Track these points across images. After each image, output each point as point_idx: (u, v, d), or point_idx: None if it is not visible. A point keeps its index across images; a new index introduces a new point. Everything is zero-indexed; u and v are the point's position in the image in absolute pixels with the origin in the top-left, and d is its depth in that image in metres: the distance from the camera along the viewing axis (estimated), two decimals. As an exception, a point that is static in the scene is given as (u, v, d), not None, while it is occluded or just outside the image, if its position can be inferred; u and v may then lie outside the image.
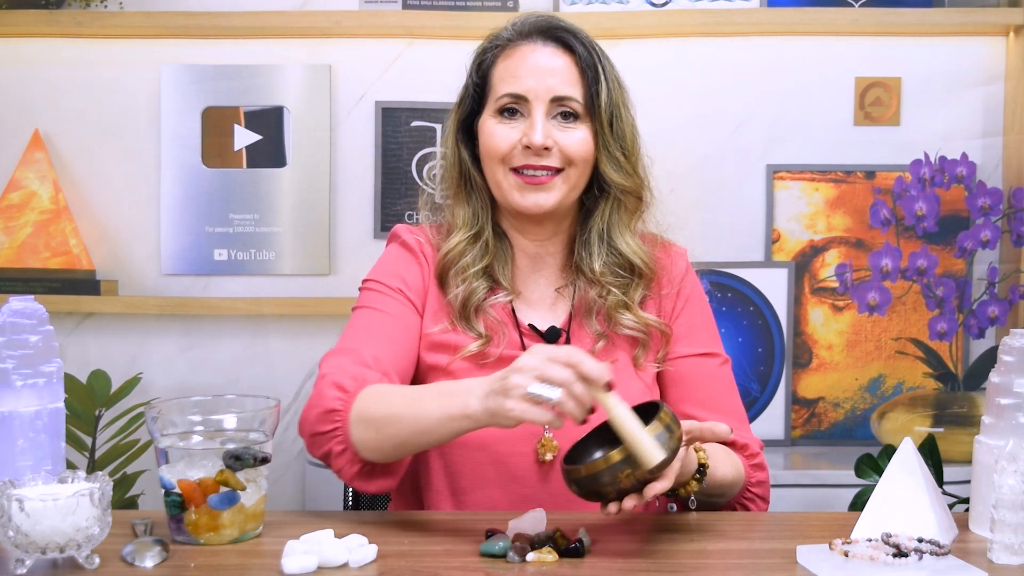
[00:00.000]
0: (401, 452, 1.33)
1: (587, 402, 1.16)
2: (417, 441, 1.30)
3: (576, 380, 1.15)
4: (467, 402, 1.22)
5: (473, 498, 1.46)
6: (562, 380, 1.15)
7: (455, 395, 1.25)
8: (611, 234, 1.53)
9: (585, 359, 1.16)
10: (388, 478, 1.35)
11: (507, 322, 1.52)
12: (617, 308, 1.51)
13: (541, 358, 1.17)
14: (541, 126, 1.46)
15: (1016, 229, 2.37)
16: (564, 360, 1.16)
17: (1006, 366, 1.28)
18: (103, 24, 2.33)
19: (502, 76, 1.50)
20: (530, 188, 1.47)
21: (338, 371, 1.37)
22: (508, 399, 1.16)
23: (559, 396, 1.15)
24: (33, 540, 1.10)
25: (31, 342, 1.29)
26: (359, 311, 1.51)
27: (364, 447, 1.32)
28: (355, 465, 1.33)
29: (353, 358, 1.40)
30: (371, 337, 1.45)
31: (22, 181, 2.35)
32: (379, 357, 1.41)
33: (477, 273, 1.51)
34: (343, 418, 1.32)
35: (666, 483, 1.17)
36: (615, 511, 1.17)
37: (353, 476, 1.34)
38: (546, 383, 1.15)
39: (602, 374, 1.15)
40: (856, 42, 2.36)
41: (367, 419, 1.31)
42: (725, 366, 1.57)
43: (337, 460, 1.33)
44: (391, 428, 1.29)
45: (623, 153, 1.51)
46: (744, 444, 1.49)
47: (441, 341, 1.50)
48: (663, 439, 1.15)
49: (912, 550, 1.12)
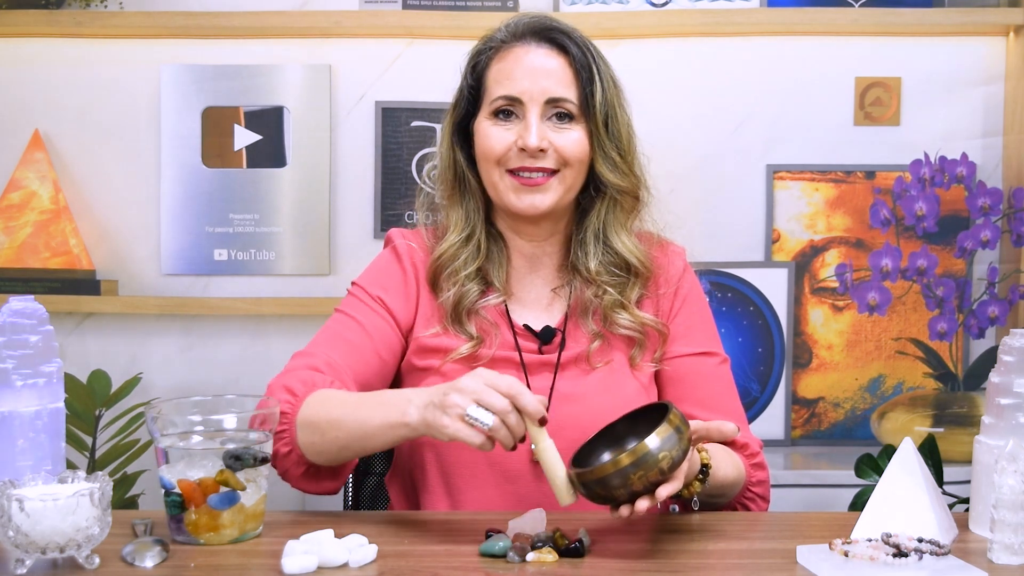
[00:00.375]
0: (343, 456, 1.37)
1: (519, 432, 1.21)
2: (358, 446, 1.34)
3: (511, 410, 1.19)
4: (406, 410, 1.26)
5: (468, 497, 1.46)
6: (498, 409, 1.19)
7: (395, 404, 1.29)
8: (607, 233, 1.53)
9: (523, 392, 1.20)
10: (333, 480, 1.40)
11: (500, 323, 1.52)
12: (613, 308, 1.51)
13: (481, 382, 1.20)
14: (536, 128, 1.46)
15: (1016, 229, 2.37)
16: (504, 390, 1.20)
17: (1006, 366, 1.28)
18: (103, 24, 2.33)
19: (496, 78, 1.50)
20: (526, 190, 1.47)
21: (290, 375, 1.41)
22: (445, 416, 1.20)
23: (493, 423, 1.19)
24: (33, 540, 1.10)
25: (31, 342, 1.29)
26: (336, 314, 1.54)
27: (309, 450, 1.36)
28: (300, 467, 1.37)
29: (309, 361, 1.44)
30: (335, 342, 1.49)
31: (22, 181, 2.35)
32: (336, 363, 1.45)
33: (469, 275, 1.51)
34: (290, 421, 1.36)
35: (677, 484, 1.18)
36: (627, 514, 1.17)
37: (298, 477, 1.38)
38: (482, 408, 1.19)
39: (537, 410, 1.20)
40: (856, 42, 2.36)
41: (312, 423, 1.34)
42: (724, 365, 1.57)
43: (283, 461, 1.37)
44: (333, 432, 1.33)
45: (619, 153, 1.51)
46: (744, 444, 1.49)
47: (433, 345, 1.50)
48: (673, 440, 1.15)
49: (912, 550, 1.12)
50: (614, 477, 1.14)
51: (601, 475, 1.15)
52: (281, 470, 1.38)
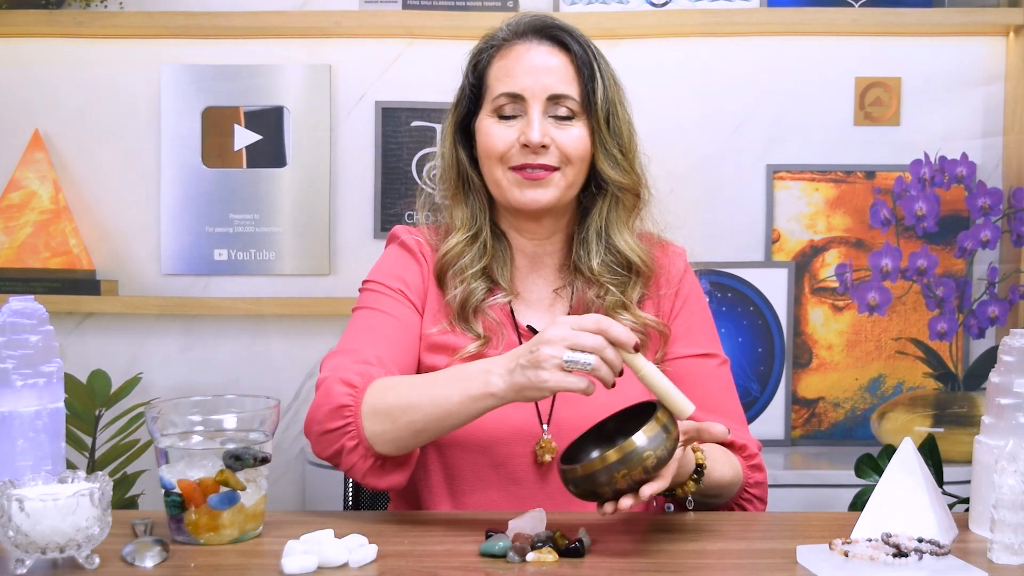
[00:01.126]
0: (419, 440, 1.32)
1: (618, 366, 1.19)
2: (437, 426, 1.30)
3: (607, 345, 1.18)
4: (488, 380, 1.24)
5: (471, 499, 1.46)
6: (594, 346, 1.17)
7: (472, 376, 1.26)
8: (609, 232, 1.53)
9: (612, 324, 1.19)
10: (400, 472, 1.36)
11: (505, 323, 1.52)
12: (615, 308, 1.51)
13: (569, 327, 1.19)
14: (538, 124, 1.46)
15: (1016, 229, 2.37)
16: (593, 327, 1.18)
17: (1006, 366, 1.28)
18: (103, 24, 2.33)
19: (498, 76, 1.50)
20: (528, 184, 1.47)
21: (343, 369, 1.37)
22: (542, 370, 1.18)
23: (593, 363, 1.17)
24: (33, 540, 1.10)
25: (31, 342, 1.29)
26: (359, 312, 1.51)
27: (378, 439, 1.31)
28: (368, 460, 1.33)
29: (354, 357, 1.40)
30: (372, 337, 1.45)
31: (22, 181, 2.35)
32: (381, 356, 1.41)
33: (476, 274, 1.51)
34: (354, 412, 1.32)
35: (662, 483, 1.17)
36: (611, 511, 1.17)
37: (366, 471, 1.34)
38: (577, 351, 1.17)
39: (630, 337, 1.19)
40: (856, 42, 2.36)
41: (381, 410, 1.31)
42: (724, 367, 1.56)
43: (350, 456, 1.33)
44: (407, 416, 1.29)
45: (620, 150, 1.51)
46: (742, 445, 1.49)
47: (440, 342, 1.50)
48: (660, 439, 1.15)
49: (912, 550, 1.12)
50: (600, 474, 1.14)
51: (587, 471, 1.15)
52: (348, 465, 1.34)
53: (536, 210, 1.50)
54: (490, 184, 1.52)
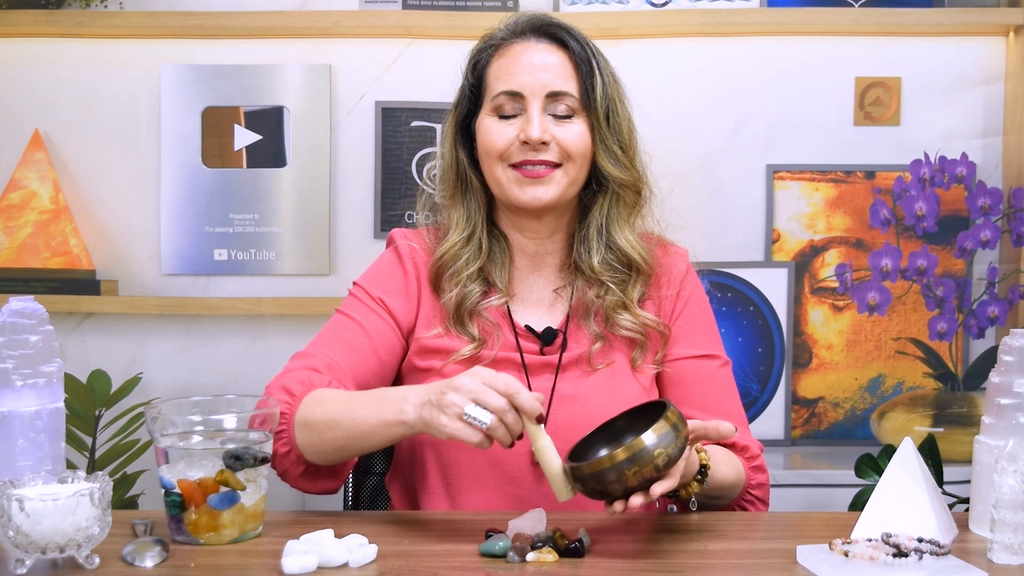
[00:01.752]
0: (341, 455, 1.37)
1: (516, 430, 1.21)
2: (356, 445, 1.34)
3: (509, 409, 1.20)
4: (403, 408, 1.27)
5: (469, 499, 1.46)
6: (496, 407, 1.20)
7: (392, 402, 1.29)
8: (610, 230, 1.53)
9: (521, 391, 1.21)
10: (332, 480, 1.40)
11: (502, 324, 1.52)
12: (615, 308, 1.51)
13: (479, 382, 1.21)
14: (538, 121, 1.46)
15: (1016, 229, 2.37)
16: (502, 388, 1.20)
17: (1006, 366, 1.28)
18: (103, 24, 2.33)
19: (497, 75, 1.51)
20: (529, 182, 1.48)
21: (288, 375, 1.42)
22: (443, 415, 1.21)
23: (491, 422, 1.19)
24: (33, 540, 1.10)
25: (31, 342, 1.29)
26: (336, 315, 1.54)
27: (307, 450, 1.36)
28: (299, 466, 1.37)
29: (308, 362, 1.45)
30: (334, 343, 1.49)
31: (22, 181, 2.35)
32: (335, 363, 1.45)
33: (471, 276, 1.51)
34: (288, 421, 1.36)
35: (672, 481, 1.18)
36: (621, 509, 1.17)
37: (297, 477, 1.38)
38: (480, 407, 1.20)
39: (534, 408, 1.21)
40: (856, 42, 2.36)
41: (309, 423, 1.35)
42: (725, 368, 1.56)
43: (282, 461, 1.37)
44: (331, 432, 1.33)
45: (620, 147, 1.51)
46: (744, 446, 1.49)
47: (435, 346, 1.50)
48: (670, 438, 1.15)
49: (912, 550, 1.12)
50: (609, 472, 1.14)
51: (596, 469, 1.15)
52: (280, 470, 1.38)
53: (538, 208, 1.50)
54: (491, 182, 1.52)
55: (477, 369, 1.24)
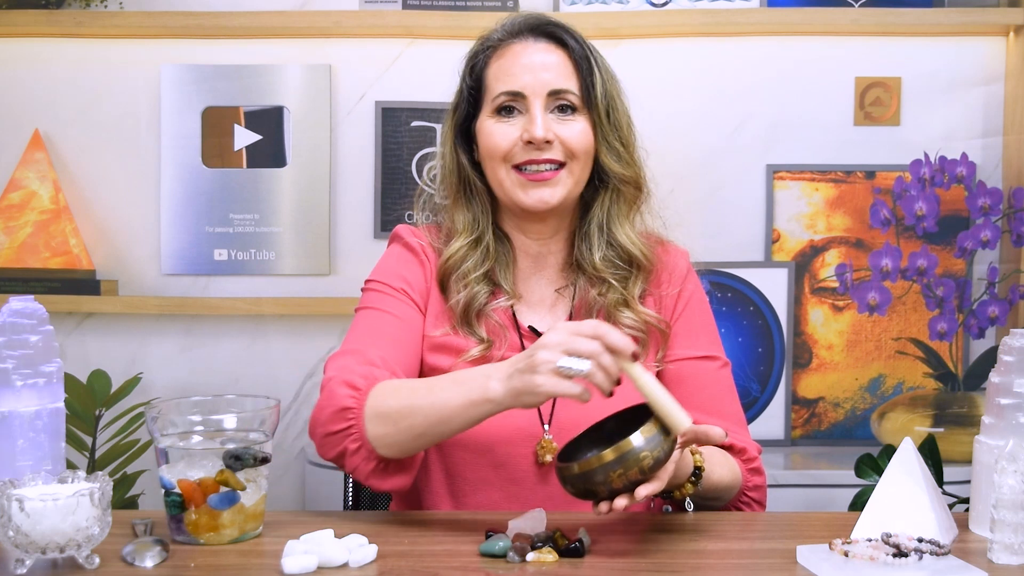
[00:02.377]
0: (420, 444, 1.32)
1: (615, 373, 1.18)
2: (437, 431, 1.29)
3: (603, 351, 1.17)
4: (487, 386, 1.24)
5: (472, 500, 1.46)
6: (590, 352, 1.17)
7: (473, 380, 1.26)
8: (610, 226, 1.53)
9: (610, 331, 1.18)
10: (403, 474, 1.35)
11: (508, 325, 1.51)
12: (617, 306, 1.51)
13: (566, 333, 1.18)
14: (541, 120, 1.46)
15: (1016, 229, 2.37)
16: (590, 333, 1.17)
17: (1006, 366, 1.28)
18: (103, 24, 2.33)
19: (496, 75, 1.50)
20: (534, 185, 1.47)
21: (346, 371, 1.36)
22: (537, 375, 1.18)
23: (589, 368, 1.16)
24: (33, 540, 1.10)
25: (31, 342, 1.29)
26: (362, 312, 1.50)
27: (380, 443, 1.31)
28: (371, 462, 1.33)
29: (359, 359, 1.39)
30: (376, 338, 1.45)
31: (22, 181, 2.35)
32: (385, 357, 1.41)
33: (478, 278, 1.51)
34: (357, 415, 1.32)
35: (658, 485, 1.17)
36: (605, 510, 1.17)
37: (369, 473, 1.33)
38: (574, 356, 1.16)
39: (628, 345, 1.17)
40: (856, 42, 2.36)
41: (383, 413, 1.31)
42: (725, 369, 1.56)
43: (352, 458, 1.33)
44: (409, 420, 1.29)
45: (621, 143, 1.51)
46: (742, 448, 1.48)
47: (443, 343, 1.50)
48: (657, 441, 1.15)
49: (912, 550, 1.12)
50: (596, 473, 1.14)
51: (584, 470, 1.15)
52: (351, 467, 1.34)
53: (543, 211, 1.49)
54: (494, 185, 1.52)
55: (561, 323, 1.22)
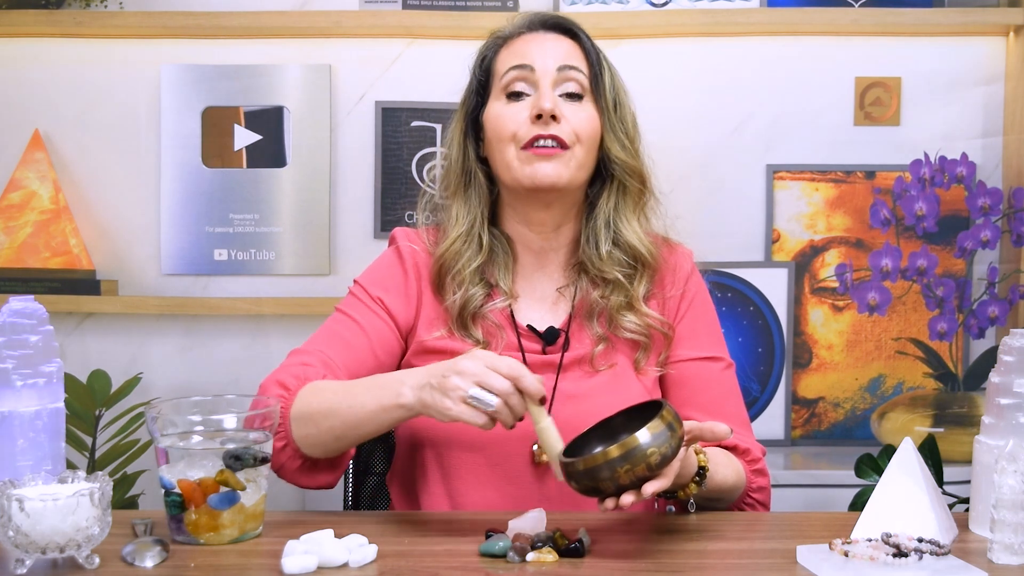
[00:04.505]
0: (340, 445, 1.36)
1: (520, 412, 1.22)
2: (354, 433, 1.34)
3: (513, 391, 1.20)
4: (400, 391, 1.27)
5: (469, 499, 1.46)
6: (500, 390, 1.20)
7: (388, 386, 1.30)
8: (617, 223, 1.53)
9: (524, 373, 1.21)
10: (330, 473, 1.40)
11: (505, 324, 1.52)
12: (620, 310, 1.50)
13: (482, 365, 1.21)
14: (549, 93, 1.47)
15: (1016, 229, 2.37)
16: (505, 371, 1.21)
17: (1006, 366, 1.28)
18: (103, 24, 2.33)
19: (505, 60, 1.53)
20: (538, 158, 1.47)
21: (283, 370, 1.42)
22: (447, 398, 1.21)
23: (496, 404, 1.20)
24: (33, 540, 1.10)
25: (31, 342, 1.29)
26: (335, 313, 1.54)
27: (304, 442, 1.36)
28: (296, 460, 1.37)
29: (304, 359, 1.44)
30: (332, 341, 1.49)
31: (22, 181, 2.35)
32: (331, 360, 1.45)
33: (473, 278, 1.51)
34: (284, 415, 1.36)
35: (664, 481, 1.17)
36: (612, 507, 1.17)
37: (295, 471, 1.38)
38: (484, 389, 1.20)
39: (538, 390, 1.21)
40: (856, 42, 2.36)
41: (305, 414, 1.35)
42: (728, 370, 1.56)
43: (278, 456, 1.37)
44: (328, 421, 1.33)
45: (627, 136, 1.53)
46: (746, 449, 1.48)
47: (438, 347, 1.50)
48: (664, 437, 1.15)
49: (912, 550, 1.12)
50: (602, 469, 1.14)
51: (590, 465, 1.15)
52: (276, 465, 1.37)
53: (547, 188, 1.48)
54: (500, 168, 1.51)
55: (477, 352, 1.24)
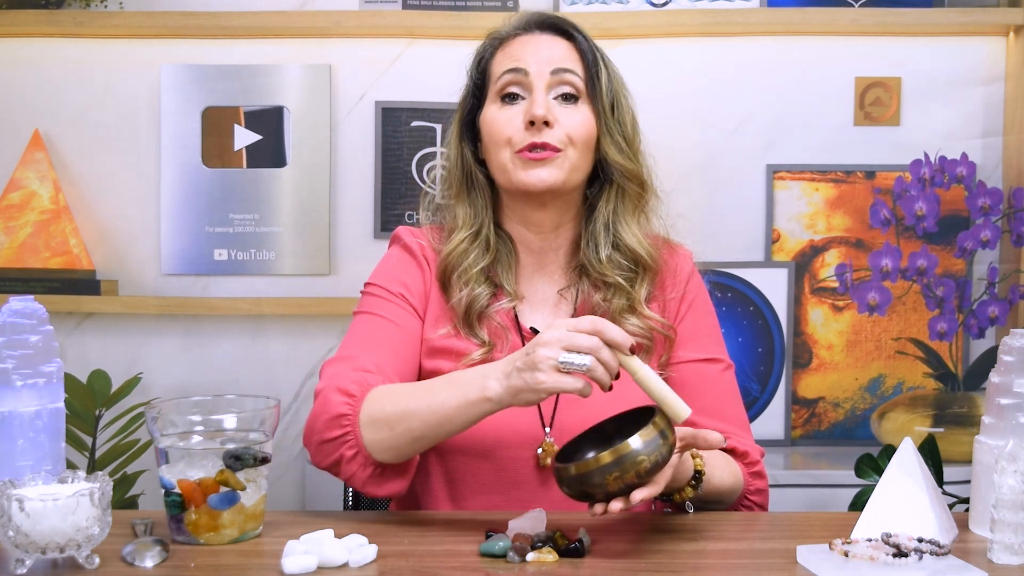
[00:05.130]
0: (417, 447, 1.33)
1: (614, 367, 1.19)
2: (435, 433, 1.30)
3: (602, 346, 1.18)
4: (485, 385, 1.24)
5: (472, 503, 1.46)
6: (589, 347, 1.17)
7: (470, 381, 1.26)
8: (616, 226, 1.52)
9: (608, 326, 1.18)
10: (400, 480, 1.35)
11: (510, 326, 1.51)
12: (622, 312, 1.50)
13: (564, 330, 1.19)
14: (542, 98, 1.46)
15: (1016, 229, 2.37)
16: (588, 328, 1.18)
17: (1006, 366, 1.28)
18: (103, 24, 2.33)
19: (501, 61, 1.52)
20: (533, 163, 1.46)
21: (341, 377, 1.37)
22: (538, 372, 1.18)
23: (589, 363, 1.17)
24: (33, 540, 1.10)
25: (31, 342, 1.29)
26: (360, 316, 1.50)
27: (377, 448, 1.32)
28: (367, 468, 1.33)
29: (353, 364, 1.39)
30: (371, 344, 1.45)
31: (22, 181, 2.35)
32: (380, 364, 1.41)
33: (479, 278, 1.50)
34: (353, 422, 1.32)
35: (654, 489, 1.17)
36: (600, 512, 1.17)
37: (366, 480, 1.34)
38: (573, 352, 1.17)
39: (625, 339, 1.18)
40: (856, 42, 2.36)
41: (379, 419, 1.31)
42: (728, 372, 1.56)
43: (349, 465, 1.33)
44: (406, 424, 1.29)
45: (624, 139, 1.52)
46: (744, 451, 1.48)
47: (444, 346, 1.49)
48: (656, 444, 1.14)
49: (912, 550, 1.12)
50: (593, 475, 1.14)
51: (581, 471, 1.15)
52: (347, 474, 1.34)
53: (542, 191, 1.48)
54: (497, 171, 1.51)
55: (557, 321, 1.23)
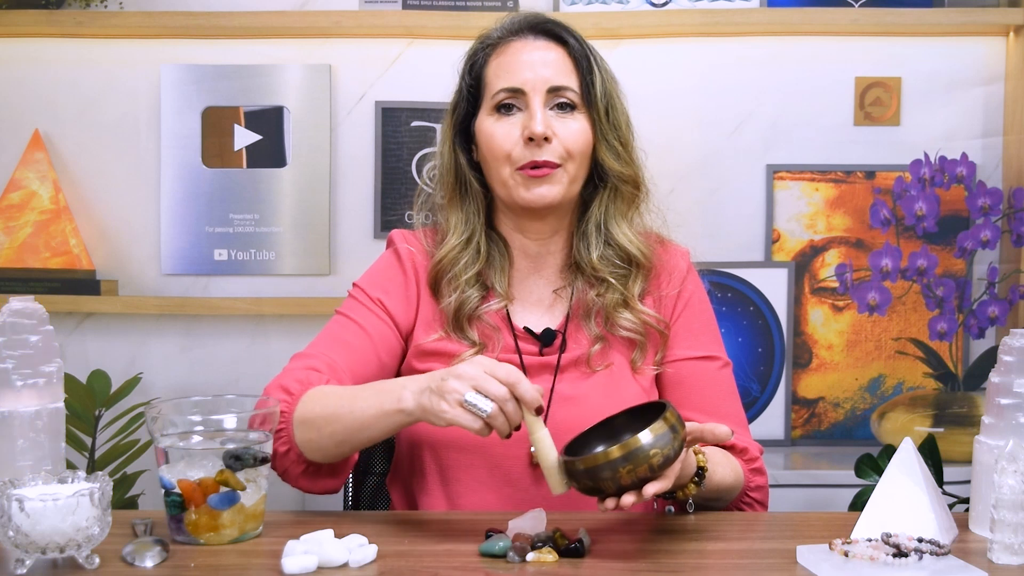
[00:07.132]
0: (342, 450, 1.36)
1: (515, 420, 1.21)
2: (355, 438, 1.33)
3: (510, 398, 1.20)
4: (401, 396, 1.27)
5: (467, 501, 1.46)
6: (496, 395, 1.19)
7: (390, 391, 1.29)
8: (608, 225, 1.53)
9: (521, 380, 1.20)
10: (333, 478, 1.40)
11: (501, 327, 1.51)
12: (616, 307, 1.50)
13: (480, 370, 1.21)
14: (540, 115, 1.46)
15: (1016, 229, 2.37)
16: (503, 377, 1.20)
17: (1006, 366, 1.28)
18: (103, 24, 2.33)
19: (496, 72, 1.50)
20: (534, 181, 1.47)
21: (287, 375, 1.42)
22: (443, 401, 1.21)
23: (491, 410, 1.19)
24: (33, 540, 1.10)
25: (31, 342, 1.29)
26: (335, 316, 1.54)
27: (307, 447, 1.36)
28: (300, 465, 1.37)
29: (306, 363, 1.45)
30: (334, 344, 1.49)
31: (22, 181, 2.35)
32: (335, 364, 1.45)
33: (470, 281, 1.51)
34: (287, 419, 1.36)
35: (666, 483, 1.17)
36: (612, 507, 1.17)
37: (298, 476, 1.38)
38: (480, 395, 1.19)
39: (534, 399, 1.20)
40: (856, 42, 2.36)
41: (308, 419, 1.35)
42: (726, 369, 1.56)
43: (282, 460, 1.37)
44: (330, 427, 1.33)
45: (619, 142, 1.52)
46: (744, 448, 1.48)
47: (435, 349, 1.50)
48: (667, 438, 1.15)
49: (912, 550, 1.12)
50: (604, 469, 1.14)
51: (591, 465, 1.15)
52: (280, 469, 1.38)
53: (542, 207, 1.49)
54: (495, 184, 1.51)
55: (479, 358, 1.24)
